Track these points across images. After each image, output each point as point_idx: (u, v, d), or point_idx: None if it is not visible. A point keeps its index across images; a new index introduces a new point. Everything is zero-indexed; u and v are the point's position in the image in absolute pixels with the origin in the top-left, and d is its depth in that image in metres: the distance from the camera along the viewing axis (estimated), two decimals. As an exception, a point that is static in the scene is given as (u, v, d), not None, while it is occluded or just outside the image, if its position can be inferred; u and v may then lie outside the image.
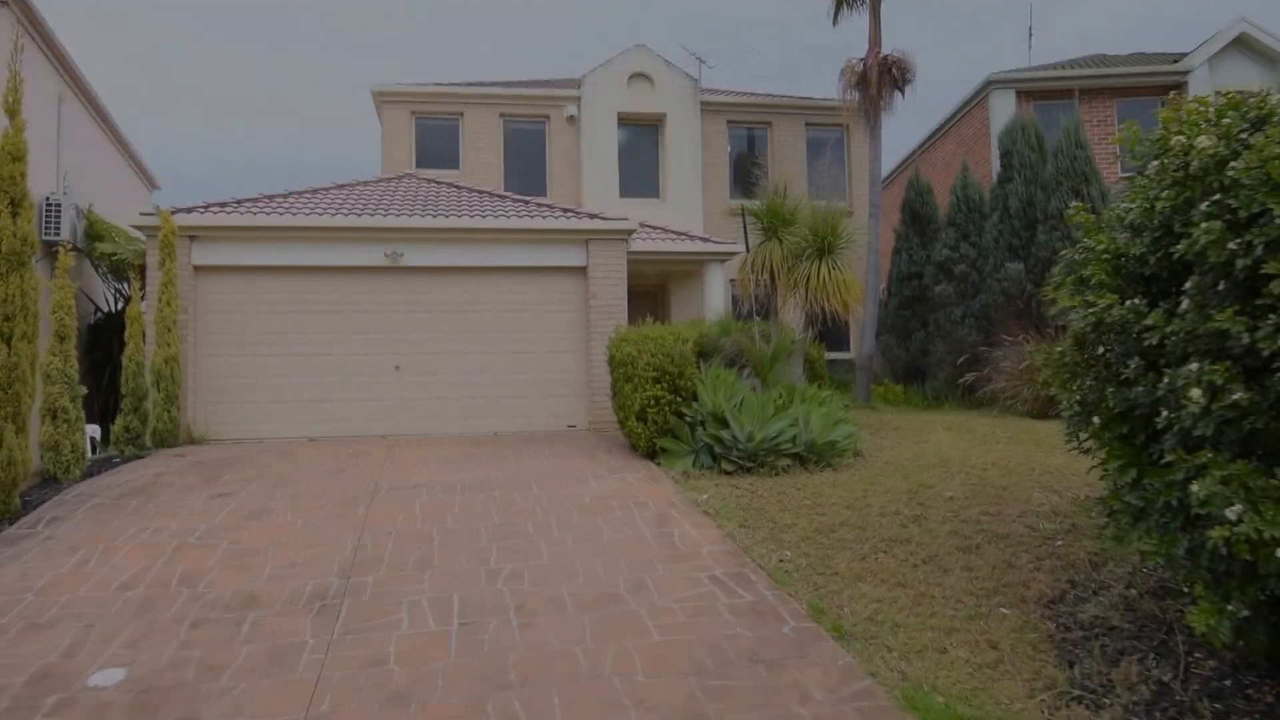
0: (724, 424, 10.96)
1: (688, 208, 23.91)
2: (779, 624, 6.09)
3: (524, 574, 7.22)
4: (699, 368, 11.92)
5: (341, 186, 18.08)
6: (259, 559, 7.69)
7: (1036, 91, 23.81)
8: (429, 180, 19.77)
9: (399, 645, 5.84)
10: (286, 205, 15.93)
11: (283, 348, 15.11)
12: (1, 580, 7.18)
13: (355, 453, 12.82)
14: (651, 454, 11.68)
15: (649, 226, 19.88)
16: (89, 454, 13.01)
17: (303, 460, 12.19)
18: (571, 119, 23.96)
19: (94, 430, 13.93)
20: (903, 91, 20.88)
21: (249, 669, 5.51)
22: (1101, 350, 5.83)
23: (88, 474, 11.11)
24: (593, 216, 16.70)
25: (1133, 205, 5.55)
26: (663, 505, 9.30)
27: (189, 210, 15.14)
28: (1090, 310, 5.50)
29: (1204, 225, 4.62)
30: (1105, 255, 5.69)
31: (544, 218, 16.25)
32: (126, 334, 13.39)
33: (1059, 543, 7.62)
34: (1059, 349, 6.39)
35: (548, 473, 11.13)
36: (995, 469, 10.73)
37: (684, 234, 20.25)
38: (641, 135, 24.72)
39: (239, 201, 15.94)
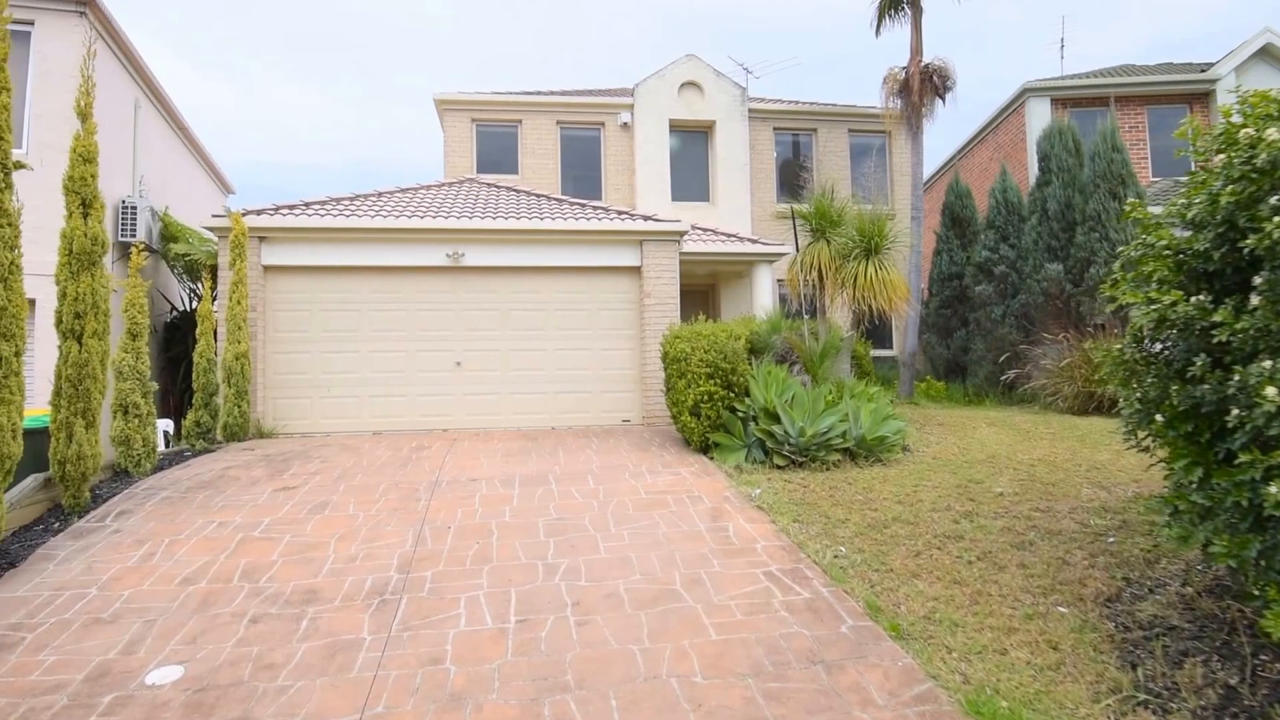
0: (776, 419, 10.63)
1: (736, 211, 23.57)
2: (836, 622, 5.77)
3: (581, 569, 6.95)
4: (750, 364, 11.60)
5: (405, 190, 17.94)
6: (320, 553, 7.48)
7: (1071, 99, 23.34)
8: (489, 184, 19.60)
9: (456, 643, 5.58)
10: (352, 208, 15.77)
11: (348, 345, 14.99)
12: (68, 574, 7.02)
13: (417, 446, 12.60)
14: (705, 449, 11.37)
15: (699, 229, 19.65)
16: (162, 448, 12.93)
17: (366, 454, 11.98)
18: (625, 126, 23.71)
19: (167, 425, 13.85)
20: (943, 99, 20.53)
21: (306, 667, 5.29)
22: (1161, 347, 5.50)
23: (158, 468, 10.98)
24: (646, 219, 16.42)
25: (1193, 200, 5.20)
26: (717, 500, 8.99)
27: (258, 212, 15.02)
28: (1153, 307, 5.15)
29: (1275, 220, 4.29)
30: (1166, 252, 5.34)
31: (599, 220, 16.00)
32: (197, 331, 13.28)
33: (1111, 539, 7.25)
34: (1118, 346, 6.02)
35: (603, 467, 10.85)
36: (1042, 464, 10.32)
37: (733, 235, 19.93)
38: (692, 141, 24.40)
39: (306, 204, 15.80)
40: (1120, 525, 7.61)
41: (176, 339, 17.02)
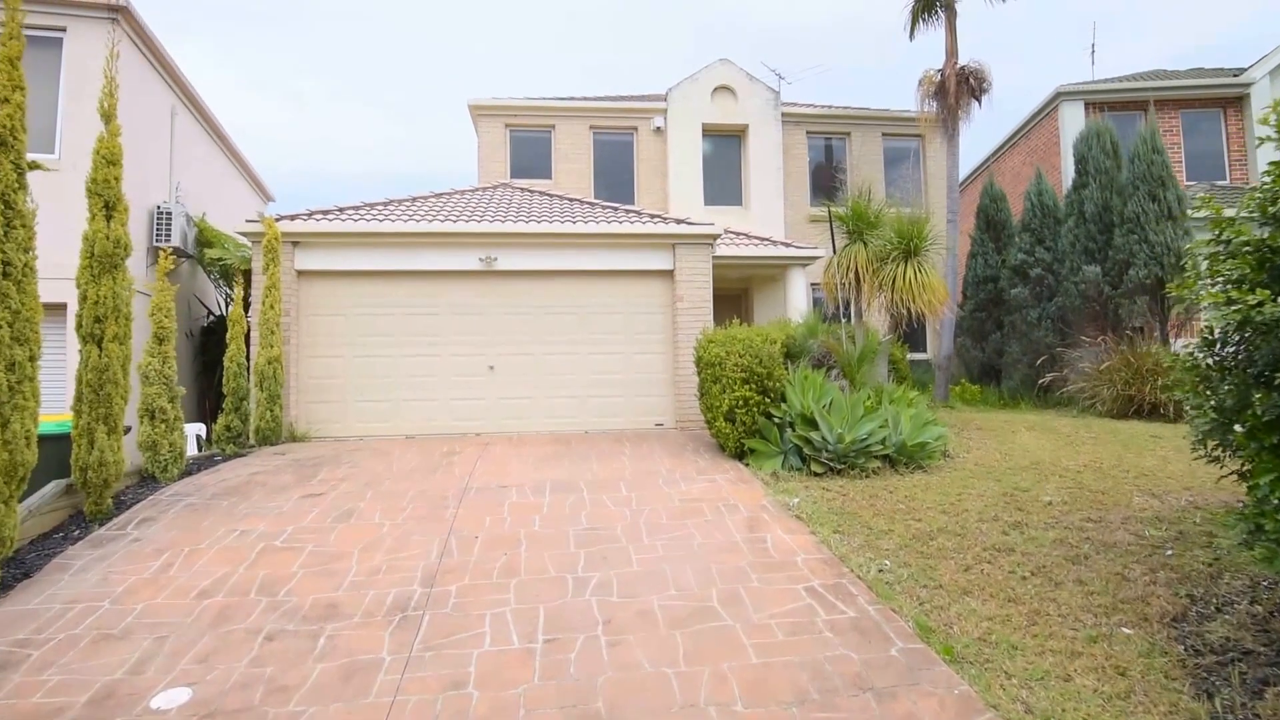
0: (813, 425, 10.11)
1: (769, 215, 22.99)
2: (885, 644, 5.27)
3: (612, 583, 6.48)
4: (787, 369, 11.08)
5: (439, 195, 17.54)
6: (342, 564, 7.04)
7: (1105, 103, 22.75)
8: (522, 189, 19.18)
9: (480, 665, 5.11)
10: (385, 212, 15.40)
11: (381, 349, 14.61)
12: (82, 586, 6.61)
13: (448, 451, 12.16)
14: (740, 454, 10.85)
15: (732, 233, 19.14)
16: (194, 451, 12.60)
17: (396, 459, 11.55)
18: (658, 130, 23.20)
19: (199, 429, 13.50)
20: (979, 101, 19.91)
21: (320, 690, 4.84)
22: (1234, 351, 4.98)
23: (187, 473, 10.59)
24: (679, 222, 15.94)
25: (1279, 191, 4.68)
26: (753, 508, 8.49)
27: (292, 218, 14.71)
28: (1233, 308, 4.62)
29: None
30: (1247, 248, 4.81)
31: (632, 223, 15.56)
32: (228, 336, 12.92)
33: (1169, 552, 6.72)
34: (1186, 350, 5.48)
35: (636, 473, 10.35)
36: (1088, 471, 9.77)
37: (766, 239, 19.40)
38: (725, 145, 23.84)
39: (340, 209, 15.45)
40: (1177, 537, 7.09)
41: (212, 344, 16.69)
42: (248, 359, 13.33)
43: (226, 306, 17.65)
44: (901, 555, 6.94)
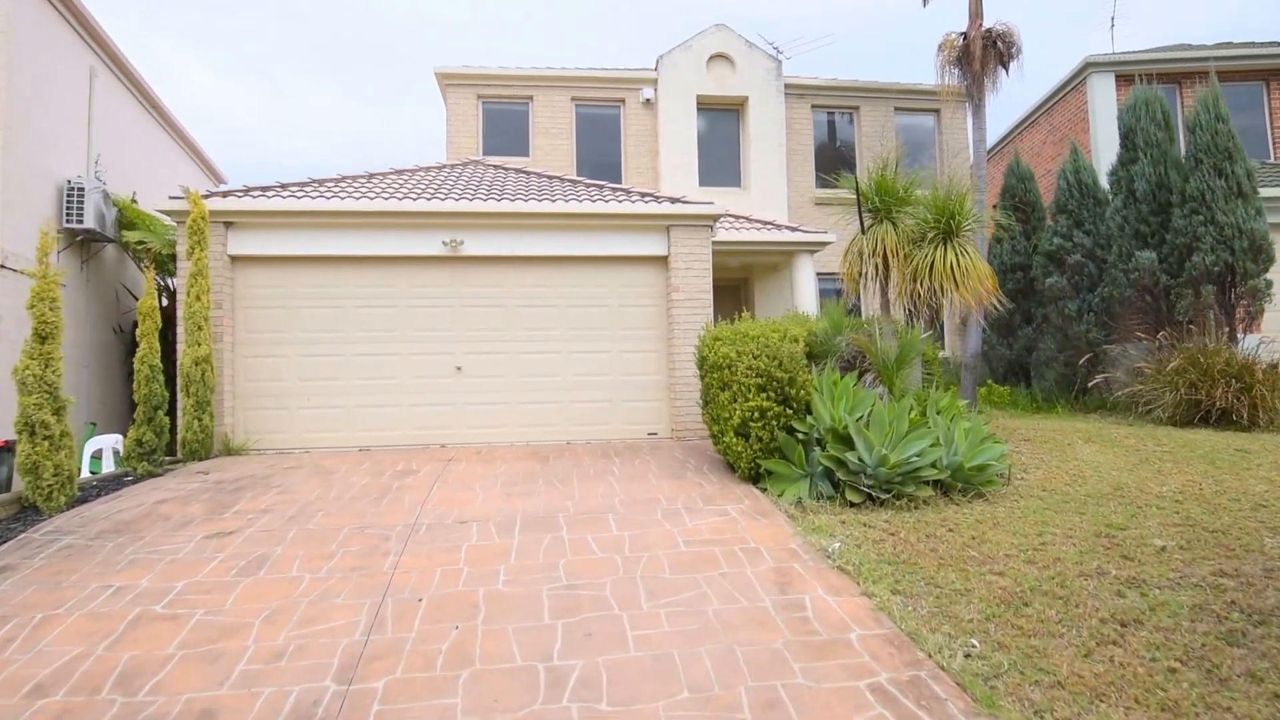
0: (847, 443, 8.37)
1: (771, 197, 21.22)
2: (1012, 800, 3.60)
3: (600, 679, 4.73)
4: (810, 373, 9.33)
5: (399, 172, 15.79)
6: (235, 642, 5.28)
7: (1137, 75, 20.94)
8: (495, 166, 17.46)
9: None
10: (336, 190, 13.67)
11: (332, 347, 12.96)
12: None
13: (403, 470, 10.44)
14: (754, 476, 9.15)
15: (731, 216, 17.51)
16: (112, 468, 10.97)
17: (339, 480, 9.83)
18: (648, 102, 21.40)
19: (115, 441, 11.76)
20: (1006, 68, 18.34)
21: None
22: None
23: (80, 499, 8.90)
24: (674, 201, 14.25)
25: None
26: (781, 554, 6.77)
27: (225, 194, 13.01)
28: None
29: None
30: None
31: (620, 202, 13.86)
32: (138, 332, 11.14)
33: (1351, 622, 5.08)
34: None
35: (628, 501, 8.62)
36: (1190, 500, 8.05)
37: (770, 223, 17.78)
38: (722, 121, 22.05)
39: (284, 185, 13.73)
40: (1347, 597, 5.45)
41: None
42: (169, 360, 11.64)
43: (161, 298, 15.92)
44: (991, 630, 5.24)
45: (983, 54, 17.75)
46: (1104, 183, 17.55)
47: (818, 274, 18.15)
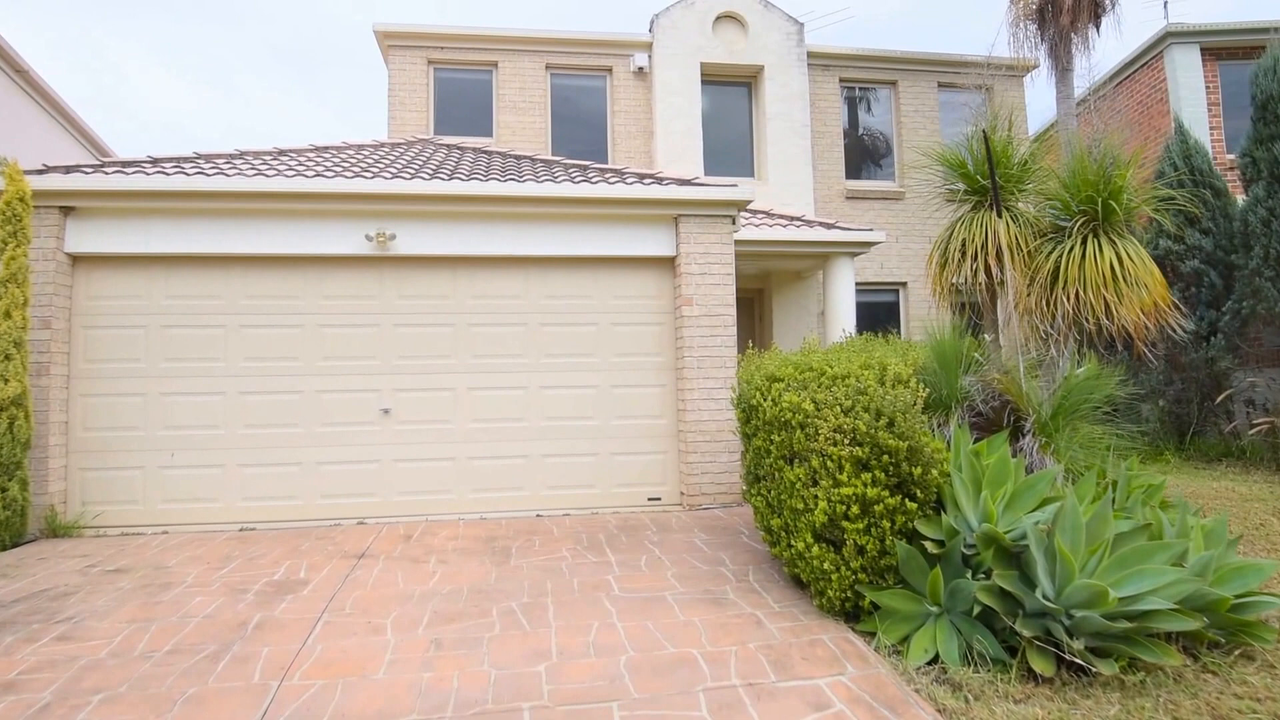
0: (1013, 561, 5.10)
1: (794, 188, 17.69)
2: None
3: None
4: (932, 434, 5.97)
5: (321, 149, 12.36)
6: None
7: (1225, 47, 18.80)
8: (449, 145, 14.10)
9: None
10: (226, 166, 10.42)
11: (209, 382, 9.75)
12: None
13: (281, 582, 7.01)
14: (848, 610, 5.72)
15: (747, 210, 14.29)
16: None
17: (173, 601, 6.41)
18: (641, 71, 17.84)
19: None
20: (1098, 25, 15.28)
21: None
22: None
23: None
24: (684, 183, 10.96)
25: None
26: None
27: (68, 170, 9.75)
28: None
29: None
30: None
31: (612, 184, 10.58)
32: None
33: None
34: None
35: (643, 667, 5.08)
36: None
37: (798, 218, 14.65)
38: (730, 97, 18.60)
39: (155, 160, 10.47)
40: None
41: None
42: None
43: None
44: None
45: (1073, 5, 14.66)
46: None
47: (856, 283, 15.08)
